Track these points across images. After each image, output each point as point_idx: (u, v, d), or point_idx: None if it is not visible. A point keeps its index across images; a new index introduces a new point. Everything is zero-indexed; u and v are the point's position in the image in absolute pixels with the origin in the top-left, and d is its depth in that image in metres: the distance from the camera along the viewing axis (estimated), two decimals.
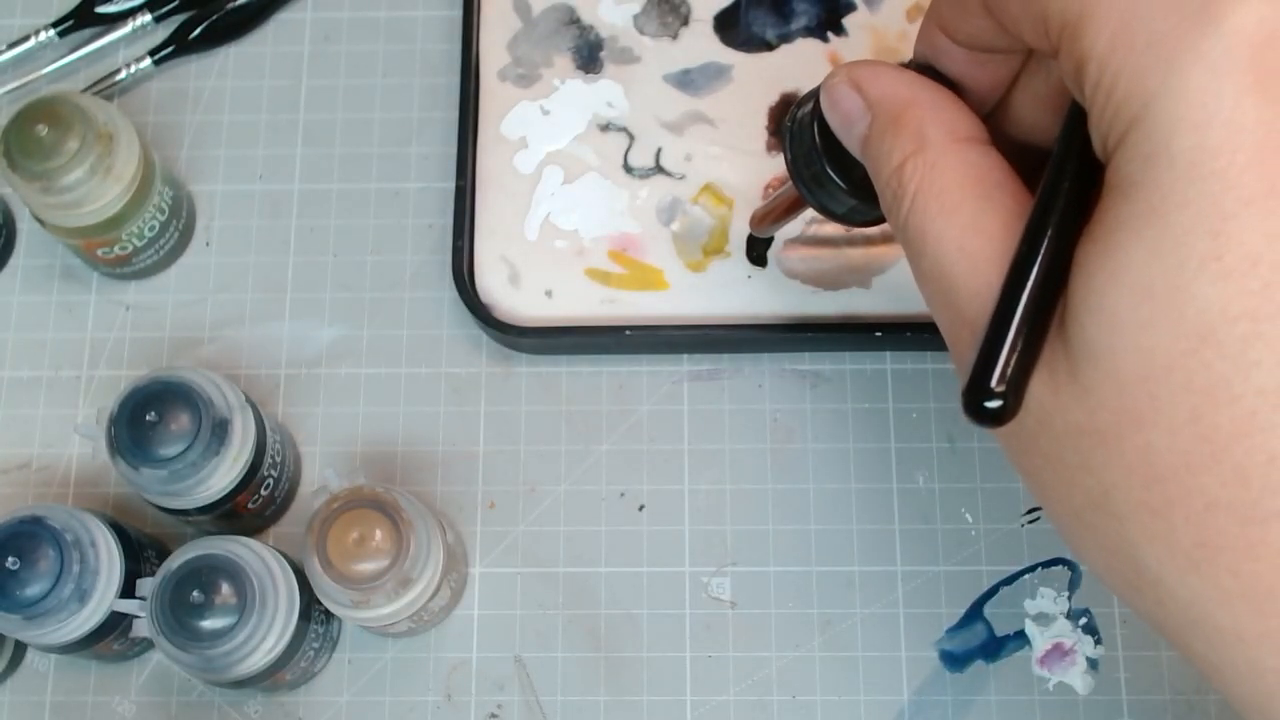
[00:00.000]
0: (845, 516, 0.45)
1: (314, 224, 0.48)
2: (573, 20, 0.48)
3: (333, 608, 0.39)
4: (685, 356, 0.46)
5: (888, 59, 0.47)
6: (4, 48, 0.50)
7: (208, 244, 0.48)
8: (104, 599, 0.39)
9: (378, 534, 0.38)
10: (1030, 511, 0.44)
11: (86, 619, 0.39)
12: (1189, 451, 0.24)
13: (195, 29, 0.50)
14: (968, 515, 0.44)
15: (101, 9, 0.50)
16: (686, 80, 0.47)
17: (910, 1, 0.48)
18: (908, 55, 0.33)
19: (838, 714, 0.43)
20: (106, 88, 0.49)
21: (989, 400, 0.26)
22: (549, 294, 0.45)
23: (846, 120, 0.32)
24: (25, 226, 0.49)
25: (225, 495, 0.41)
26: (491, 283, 0.45)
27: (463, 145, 0.47)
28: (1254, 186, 0.23)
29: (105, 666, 0.44)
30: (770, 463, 0.45)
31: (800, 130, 0.35)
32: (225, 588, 0.38)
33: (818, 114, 0.34)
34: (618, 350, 0.46)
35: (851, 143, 0.32)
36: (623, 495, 0.45)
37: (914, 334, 0.44)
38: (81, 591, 0.38)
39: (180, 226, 0.47)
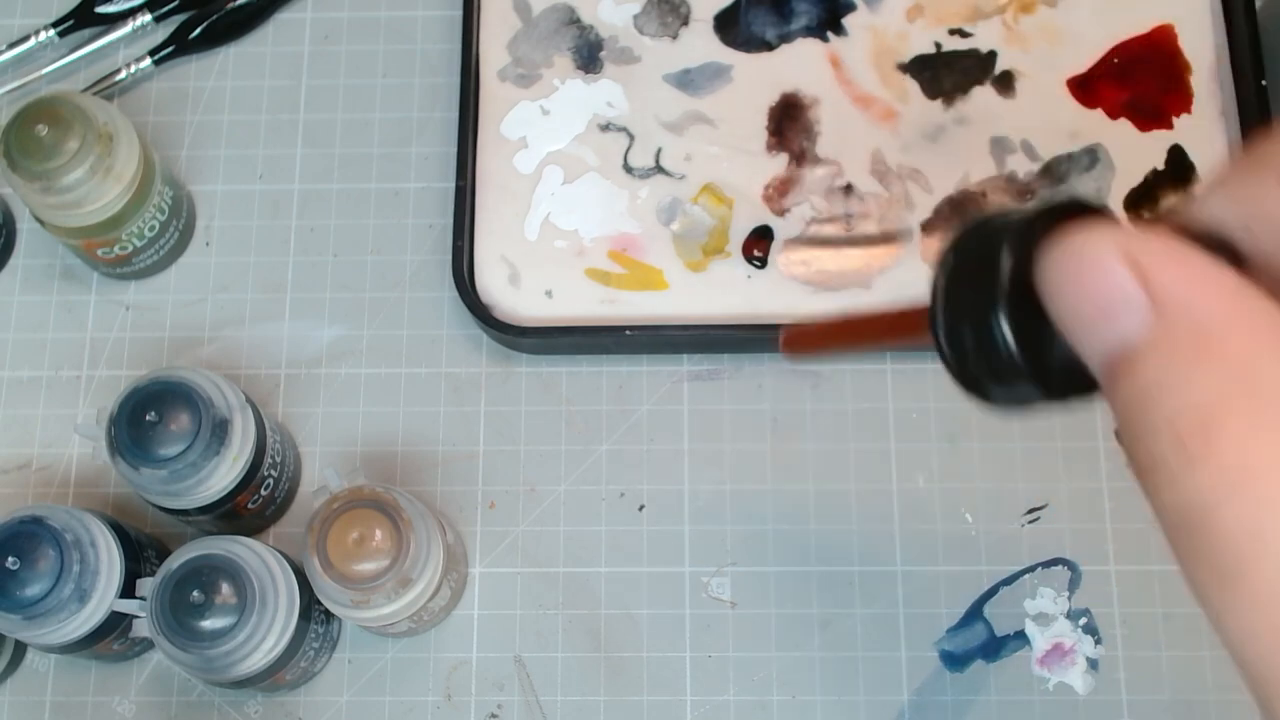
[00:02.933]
0: (845, 516, 0.45)
1: (314, 224, 0.48)
2: (573, 20, 0.48)
3: (333, 608, 0.39)
4: (685, 356, 0.46)
5: (887, 59, 0.47)
6: (4, 48, 0.50)
7: (208, 244, 0.48)
8: (104, 599, 0.39)
9: (378, 534, 0.38)
10: (1030, 511, 0.44)
11: (86, 619, 0.39)
12: None
13: (195, 29, 0.50)
14: (968, 515, 0.44)
15: (101, 9, 0.50)
16: (686, 80, 0.47)
17: (910, 1, 0.48)
18: (908, 55, 0.31)
19: (838, 714, 0.43)
20: (106, 88, 0.49)
21: None
22: (549, 294, 0.45)
23: (1102, 310, 0.20)
24: (25, 226, 0.49)
25: (225, 495, 0.41)
26: (491, 283, 0.45)
27: (463, 145, 0.47)
28: None
29: (105, 666, 0.44)
30: (770, 463, 0.45)
31: (980, 287, 0.21)
32: (225, 588, 0.37)
33: (1020, 272, 0.21)
34: (618, 350, 0.46)
35: (1095, 342, 0.20)
36: (623, 495, 0.45)
37: None
38: (81, 591, 0.38)
39: (180, 226, 0.47)
